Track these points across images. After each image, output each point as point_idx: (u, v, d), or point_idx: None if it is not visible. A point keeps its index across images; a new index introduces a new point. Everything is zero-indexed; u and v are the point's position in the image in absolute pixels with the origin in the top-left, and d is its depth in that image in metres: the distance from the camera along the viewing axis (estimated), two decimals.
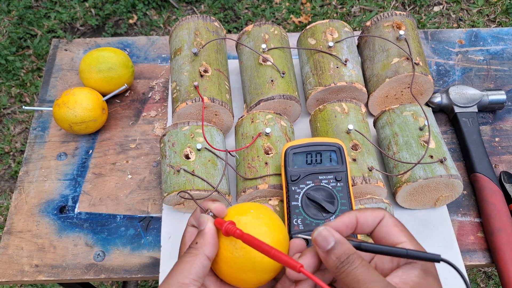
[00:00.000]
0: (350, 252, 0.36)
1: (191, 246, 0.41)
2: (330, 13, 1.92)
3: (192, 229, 0.45)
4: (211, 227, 0.41)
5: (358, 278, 0.35)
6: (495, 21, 1.89)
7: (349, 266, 0.35)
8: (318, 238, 0.37)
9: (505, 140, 0.79)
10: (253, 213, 0.43)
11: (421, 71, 0.72)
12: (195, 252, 0.40)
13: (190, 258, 0.40)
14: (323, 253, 0.37)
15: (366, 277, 0.35)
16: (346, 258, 0.36)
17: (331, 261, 0.37)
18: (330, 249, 0.37)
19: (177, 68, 0.73)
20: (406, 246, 0.37)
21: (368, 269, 0.35)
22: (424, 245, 0.67)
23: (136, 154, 0.79)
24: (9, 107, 1.76)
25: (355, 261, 0.36)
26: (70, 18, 1.92)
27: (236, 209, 0.44)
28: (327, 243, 0.37)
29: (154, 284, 1.41)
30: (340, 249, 0.37)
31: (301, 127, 0.79)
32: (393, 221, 0.39)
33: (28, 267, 0.68)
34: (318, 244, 0.37)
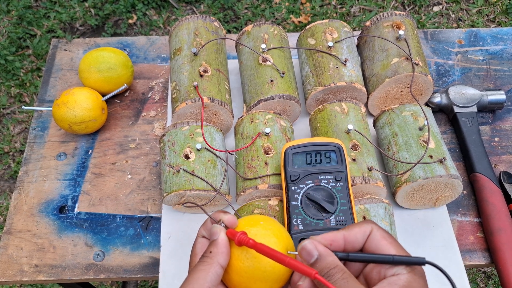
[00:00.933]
0: (332, 266, 0.37)
1: (205, 255, 0.42)
2: (329, 13, 1.92)
3: (203, 240, 0.45)
4: (224, 237, 0.42)
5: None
6: (495, 21, 1.89)
7: (329, 279, 0.37)
8: (303, 252, 0.39)
9: (505, 140, 0.79)
10: (263, 224, 0.44)
11: (420, 71, 0.72)
12: (209, 261, 0.41)
13: (205, 267, 0.40)
14: (308, 264, 0.39)
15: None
16: (327, 272, 0.37)
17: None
18: (314, 263, 0.38)
19: (176, 68, 0.73)
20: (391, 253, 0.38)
21: (347, 281, 0.36)
22: (424, 245, 0.67)
23: (136, 154, 0.79)
24: (9, 107, 1.76)
25: (336, 274, 0.37)
26: (69, 18, 1.92)
27: (245, 220, 0.45)
28: (311, 257, 0.38)
29: (154, 284, 1.41)
30: (322, 263, 0.38)
31: (300, 127, 0.79)
32: (381, 234, 0.40)
33: (28, 267, 0.68)
34: (303, 257, 0.39)
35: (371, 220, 0.41)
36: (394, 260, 0.37)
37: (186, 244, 0.68)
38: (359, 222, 0.41)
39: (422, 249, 0.67)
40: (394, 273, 0.37)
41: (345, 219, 0.55)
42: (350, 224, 0.41)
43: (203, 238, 0.46)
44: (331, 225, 0.55)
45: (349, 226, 0.41)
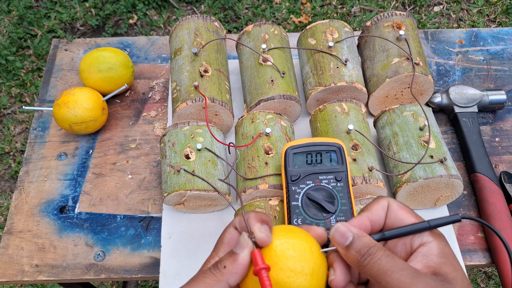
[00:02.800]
0: (370, 244, 0.35)
1: (218, 267, 0.38)
2: (330, 13, 1.92)
3: (234, 231, 0.41)
4: (246, 257, 0.37)
5: (385, 269, 0.34)
6: (495, 21, 1.89)
7: (371, 258, 0.35)
8: (336, 234, 0.37)
9: (505, 140, 0.79)
10: (296, 259, 0.37)
11: (421, 71, 0.72)
12: (219, 277, 0.37)
13: (211, 281, 0.37)
14: (343, 250, 0.36)
15: (392, 266, 0.34)
16: (367, 251, 0.35)
17: (352, 256, 0.36)
18: (349, 244, 0.36)
19: (177, 68, 0.73)
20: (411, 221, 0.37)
21: (393, 258, 0.34)
22: None
23: (136, 154, 0.79)
24: (9, 107, 1.76)
25: (378, 252, 0.35)
26: (70, 18, 1.92)
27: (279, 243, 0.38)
28: (346, 239, 0.36)
29: (155, 284, 1.41)
30: (359, 243, 0.36)
31: (301, 127, 0.79)
32: (398, 205, 0.39)
33: (28, 267, 0.68)
34: (337, 241, 0.37)
35: (383, 195, 0.40)
36: (431, 226, 0.36)
37: (187, 244, 0.68)
38: (374, 199, 0.39)
39: None
40: (422, 243, 0.36)
41: (346, 219, 0.55)
42: (366, 205, 0.39)
43: (235, 229, 0.41)
44: (331, 225, 0.54)
45: (367, 206, 0.39)
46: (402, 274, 0.33)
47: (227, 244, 0.41)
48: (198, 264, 0.66)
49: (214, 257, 0.40)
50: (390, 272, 0.33)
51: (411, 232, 0.37)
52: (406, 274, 0.33)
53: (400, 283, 0.33)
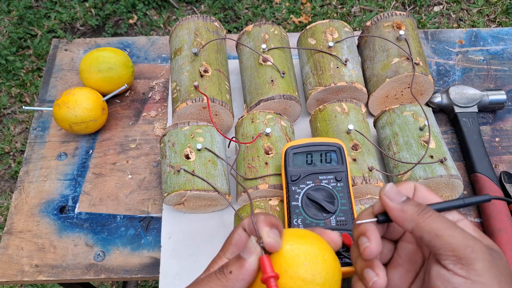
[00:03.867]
0: (423, 205, 0.36)
1: (223, 272, 0.36)
2: (330, 13, 1.92)
3: (242, 233, 0.39)
4: (254, 263, 0.35)
5: (449, 224, 0.34)
6: (495, 21, 1.89)
7: (433, 213, 0.35)
8: (392, 190, 0.36)
9: (505, 140, 0.79)
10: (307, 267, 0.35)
11: (421, 71, 0.72)
12: (224, 283, 0.35)
13: (216, 286, 0.35)
14: (398, 205, 0.36)
15: (454, 225, 0.34)
16: (423, 210, 0.35)
17: (411, 209, 0.35)
18: (407, 200, 0.36)
19: (177, 68, 0.73)
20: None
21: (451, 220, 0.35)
22: None
23: (136, 154, 0.79)
24: (9, 107, 1.76)
25: (434, 211, 0.35)
26: (70, 18, 1.92)
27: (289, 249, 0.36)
28: (400, 196, 0.36)
29: (154, 284, 1.41)
30: (415, 201, 0.36)
31: (301, 127, 0.79)
32: (424, 188, 0.39)
33: (28, 267, 0.68)
34: (392, 196, 0.36)
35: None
36: (465, 203, 0.37)
37: (187, 244, 0.68)
38: (400, 182, 0.40)
39: None
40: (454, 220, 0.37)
41: (346, 219, 0.55)
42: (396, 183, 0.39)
43: (244, 230, 0.39)
44: (331, 225, 0.54)
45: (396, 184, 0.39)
46: (466, 233, 0.34)
47: (235, 246, 0.39)
48: (198, 264, 0.66)
49: (221, 257, 0.39)
50: (455, 227, 0.34)
51: (451, 207, 0.37)
52: (469, 234, 0.34)
53: (466, 239, 0.33)
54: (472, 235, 0.34)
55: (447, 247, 0.33)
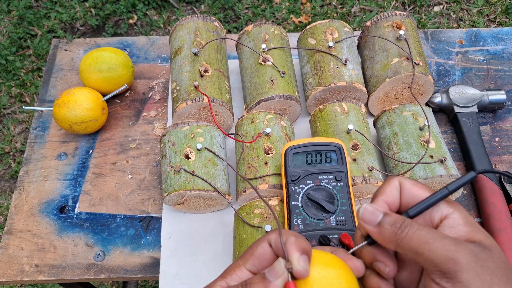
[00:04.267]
0: (401, 219, 0.34)
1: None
2: (330, 13, 1.92)
3: (267, 247, 0.37)
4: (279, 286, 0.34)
5: (426, 238, 0.33)
6: (495, 21, 1.89)
7: (409, 229, 0.33)
8: (366, 213, 0.36)
9: (505, 140, 0.79)
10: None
11: (421, 71, 0.72)
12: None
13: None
14: (375, 228, 0.35)
15: (433, 235, 0.33)
16: (402, 223, 0.34)
17: (387, 231, 0.34)
18: (382, 220, 0.35)
19: (177, 68, 0.73)
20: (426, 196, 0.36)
21: (430, 228, 0.33)
22: None
23: (136, 154, 0.79)
24: (9, 107, 1.76)
25: (413, 224, 0.34)
26: (70, 18, 1.92)
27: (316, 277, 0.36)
28: (376, 216, 0.35)
29: (155, 284, 1.41)
30: (391, 217, 0.35)
31: (301, 127, 0.79)
32: (410, 182, 0.37)
33: (28, 267, 0.68)
34: (367, 219, 0.36)
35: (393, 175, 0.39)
36: (449, 190, 0.35)
37: (187, 244, 0.68)
38: (385, 181, 0.38)
39: None
40: (443, 216, 0.35)
41: (346, 219, 0.55)
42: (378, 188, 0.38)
43: (269, 245, 0.37)
44: (331, 225, 0.55)
45: (379, 189, 0.38)
46: (445, 242, 0.32)
47: (257, 258, 0.38)
48: (198, 264, 0.66)
49: (241, 267, 0.38)
50: (433, 240, 0.32)
51: (434, 202, 0.36)
52: (449, 241, 0.32)
53: (445, 251, 0.32)
54: (457, 240, 0.32)
55: (430, 263, 0.32)
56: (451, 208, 0.35)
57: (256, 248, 0.37)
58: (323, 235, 0.53)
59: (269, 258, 0.37)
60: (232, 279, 0.37)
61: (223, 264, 0.66)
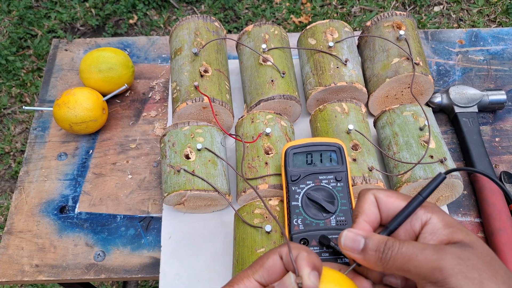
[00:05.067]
0: (384, 240, 0.35)
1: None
2: (330, 13, 1.92)
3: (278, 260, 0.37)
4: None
5: (408, 255, 0.33)
6: (495, 21, 1.89)
7: (392, 251, 0.34)
8: (347, 241, 0.36)
9: (505, 140, 0.79)
10: None
11: (421, 71, 0.72)
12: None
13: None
14: (359, 255, 0.36)
15: (415, 250, 0.33)
16: (384, 246, 0.34)
17: (372, 257, 0.35)
18: (364, 247, 0.35)
19: (177, 68, 0.73)
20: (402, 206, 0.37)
21: (410, 243, 0.34)
22: None
23: (136, 154, 0.79)
24: (10, 107, 1.76)
25: (394, 243, 0.34)
26: (70, 18, 1.92)
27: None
28: (358, 242, 0.36)
29: (155, 284, 1.41)
30: (373, 241, 0.35)
31: (301, 127, 0.79)
32: (384, 194, 0.38)
33: (28, 267, 0.68)
34: (350, 247, 0.36)
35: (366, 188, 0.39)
36: (423, 196, 0.36)
37: (187, 244, 0.68)
38: (359, 197, 0.38)
39: None
40: (423, 223, 0.36)
41: (346, 219, 0.55)
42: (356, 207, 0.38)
43: (280, 258, 0.37)
44: (331, 225, 0.55)
45: (357, 208, 0.38)
46: (427, 253, 0.33)
47: (266, 270, 0.37)
48: (198, 264, 0.66)
49: (249, 277, 0.38)
50: (415, 255, 0.33)
51: (411, 211, 0.36)
52: (430, 251, 0.33)
53: (429, 262, 0.32)
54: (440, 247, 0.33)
55: (418, 277, 0.33)
56: (429, 213, 0.36)
57: (267, 260, 0.37)
58: (323, 235, 0.53)
59: (279, 271, 0.36)
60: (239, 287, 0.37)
61: (223, 264, 0.66)
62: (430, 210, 0.36)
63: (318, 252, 0.52)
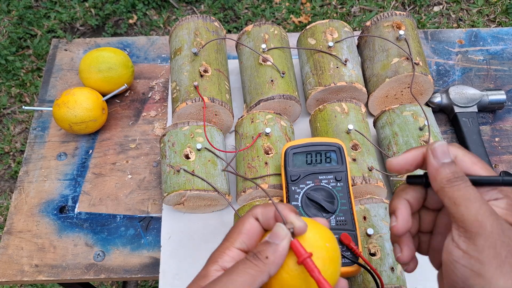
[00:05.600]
0: (463, 172, 0.36)
1: (259, 257, 0.36)
2: (330, 13, 1.92)
3: (254, 222, 0.39)
4: (287, 246, 0.37)
5: (471, 196, 0.34)
6: (495, 21, 1.89)
7: (463, 183, 0.35)
8: (439, 149, 0.37)
9: (505, 140, 0.79)
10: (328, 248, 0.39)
11: (421, 71, 0.72)
12: (262, 268, 0.36)
13: (255, 272, 0.36)
14: (438, 164, 0.37)
15: (478, 197, 0.34)
16: (461, 175, 0.36)
17: (444, 173, 0.36)
18: (447, 163, 0.36)
19: (177, 68, 0.73)
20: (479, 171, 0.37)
21: (478, 193, 0.35)
22: None
23: (136, 154, 0.79)
24: (9, 107, 1.76)
25: (468, 181, 0.35)
26: (70, 18, 1.92)
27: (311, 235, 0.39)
28: (446, 157, 0.37)
29: (154, 284, 1.41)
30: (454, 167, 0.36)
31: (301, 127, 0.79)
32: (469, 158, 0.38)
33: (28, 267, 0.68)
34: (437, 154, 0.37)
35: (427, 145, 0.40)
36: (503, 181, 0.37)
37: (187, 244, 0.68)
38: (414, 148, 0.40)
39: None
40: (491, 198, 0.36)
41: (345, 219, 0.55)
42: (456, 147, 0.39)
43: (256, 220, 0.39)
44: (331, 225, 0.55)
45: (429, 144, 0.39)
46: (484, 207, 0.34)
47: (246, 235, 0.39)
48: (198, 264, 0.66)
49: (230, 247, 0.39)
50: (475, 201, 0.34)
51: (485, 182, 0.37)
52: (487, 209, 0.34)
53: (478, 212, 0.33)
54: (494, 212, 0.34)
55: (459, 218, 0.34)
56: (501, 194, 0.37)
57: (243, 225, 0.39)
58: None
59: (257, 232, 0.39)
60: (225, 260, 0.38)
61: None
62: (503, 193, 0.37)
63: None
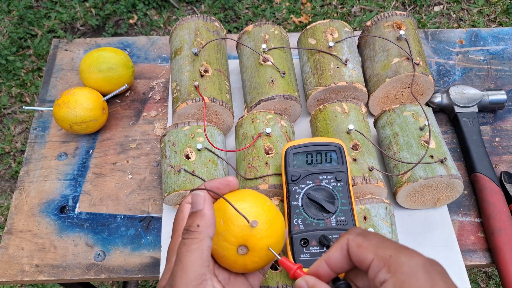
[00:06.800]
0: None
1: (191, 229, 0.38)
2: (330, 13, 1.92)
3: (189, 207, 0.42)
4: (210, 206, 0.39)
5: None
6: (496, 21, 1.89)
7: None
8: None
9: (506, 140, 0.79)
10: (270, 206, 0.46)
11: (421, 71, 0.72)
12: (199, 237, 0.37)
13: (198, 245, 0.37)
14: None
15: None
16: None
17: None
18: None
19: (177, 68, 0.73)
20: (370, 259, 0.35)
21: None
22: (425, 245, 0.67)
23: (137, 154, 0.79)
24: (10, 107, 1.76)
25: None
26: (70, 18, 1.92)
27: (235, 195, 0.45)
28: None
29: (155, 284, 1.41)
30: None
31: (301, 127, 0.79)
32: (356, 243, 0.36)
33: (29, 267, 0.68)
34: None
35: (353, 229, 0.38)
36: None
37: None
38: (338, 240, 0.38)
39: (422, 249, 0.66)
40: (381, 281, 0.33)
41: (346, 219, 0.55)
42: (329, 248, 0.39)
43: (189, 204, 0.42)
44: (331, 225, 0.55)
45: (330, 248, 0.38)
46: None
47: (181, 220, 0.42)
48: None
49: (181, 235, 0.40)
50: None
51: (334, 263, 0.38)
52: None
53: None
54: None
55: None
56: (388, 274, 0.33)
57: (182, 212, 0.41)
58: (323, 235, 0.53)
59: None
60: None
61: None
62: (391, 271, 0.33)
63: (318, 252, 0.53)
